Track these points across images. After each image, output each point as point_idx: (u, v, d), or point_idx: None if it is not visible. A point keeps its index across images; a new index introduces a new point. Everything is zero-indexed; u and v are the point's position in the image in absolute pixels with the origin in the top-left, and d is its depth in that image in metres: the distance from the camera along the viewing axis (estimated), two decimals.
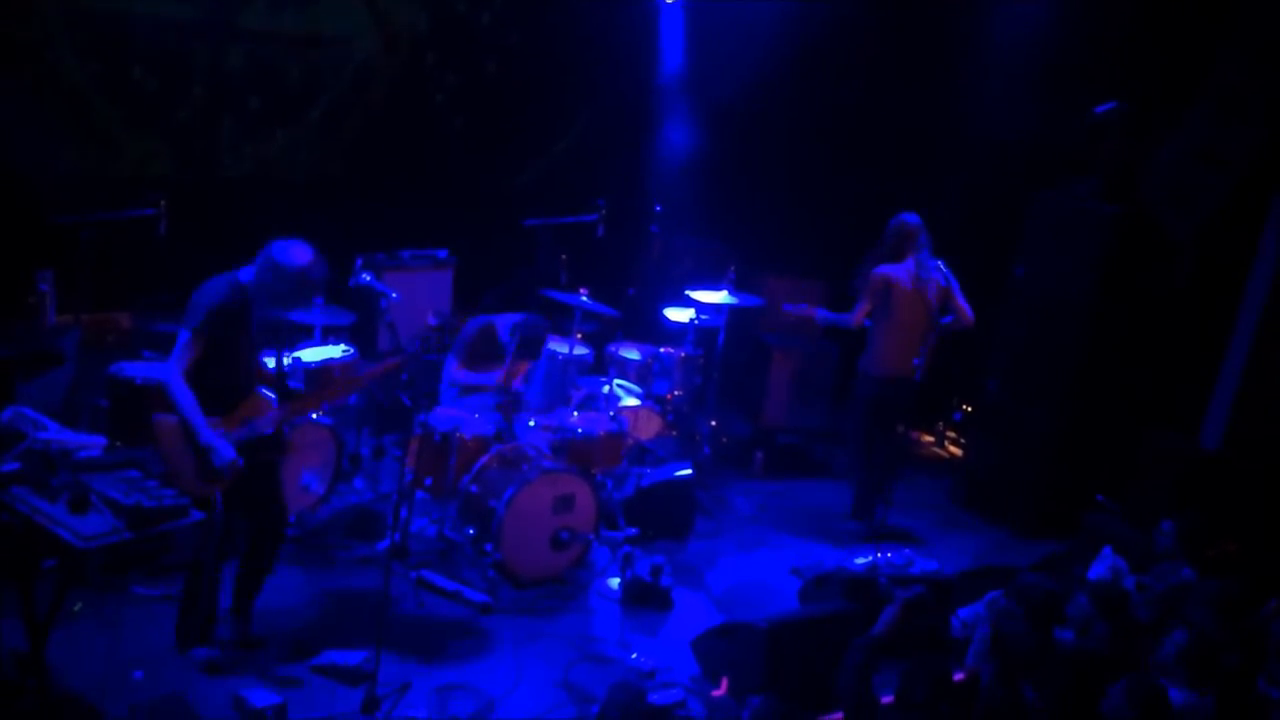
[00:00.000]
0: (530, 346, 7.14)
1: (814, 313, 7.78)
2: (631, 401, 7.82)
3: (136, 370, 6.39)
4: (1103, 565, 6.37)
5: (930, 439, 9.87)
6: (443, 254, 9.00)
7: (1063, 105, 8.29)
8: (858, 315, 7.54)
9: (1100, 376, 8.00)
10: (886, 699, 4.98)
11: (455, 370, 7.25)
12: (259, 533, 5.51)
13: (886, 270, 7.46)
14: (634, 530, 6.94)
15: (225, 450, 5.05)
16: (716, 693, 5.83)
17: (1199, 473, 7.63)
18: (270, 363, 5.85)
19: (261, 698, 5.15)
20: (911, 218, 7.50)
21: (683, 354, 8.21)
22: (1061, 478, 8.08)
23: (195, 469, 5.05)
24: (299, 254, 5.13)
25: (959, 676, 5.29)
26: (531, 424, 7.01)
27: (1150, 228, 7.91)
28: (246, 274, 5.16)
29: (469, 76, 9.50)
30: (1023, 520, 8.17)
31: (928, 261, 7.47)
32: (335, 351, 7.11)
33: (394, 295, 6.96)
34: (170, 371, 5.04)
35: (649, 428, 7.90)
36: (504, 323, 7.23)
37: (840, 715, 4.96)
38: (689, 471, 7.49)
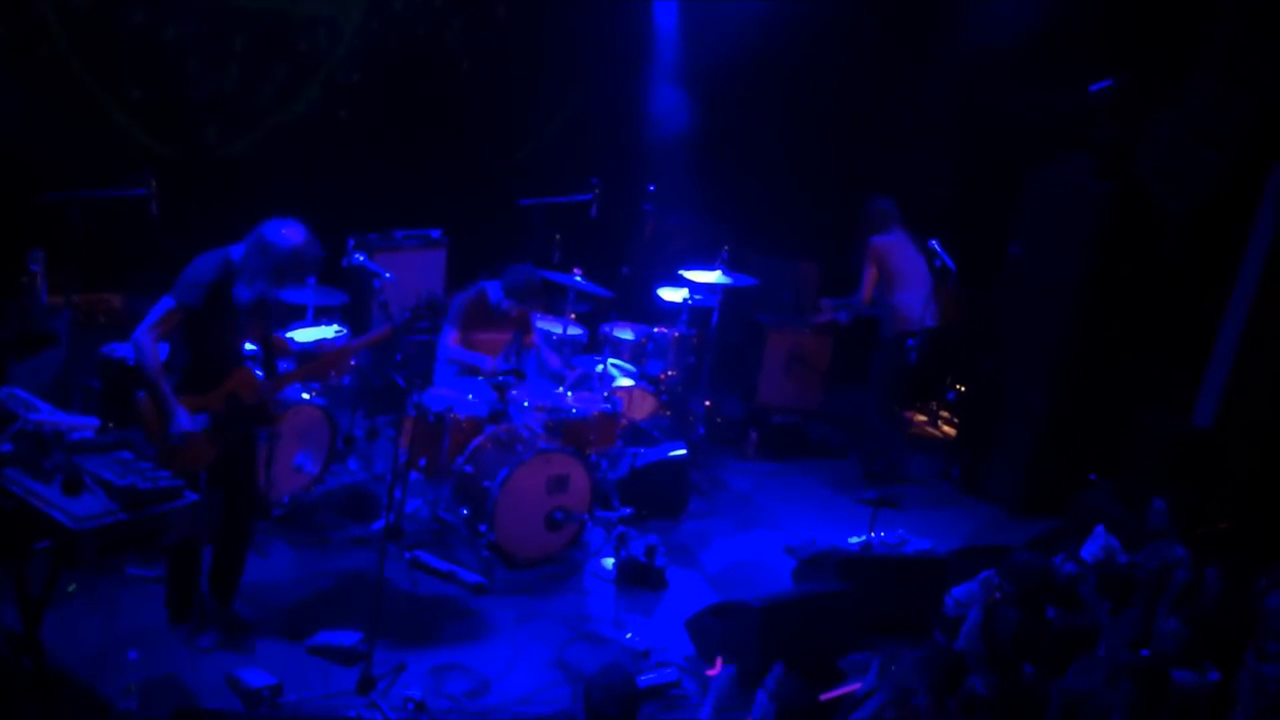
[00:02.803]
0: (524, 294, 7.12)
1: (836, 315, 8.42)
2: (626, 381, 7.82)
3: (129, 351, 6.36)
4: (1095, 544, 6.40)
5: (924, 418, 9.88)
6: (436, 234, 8.95)
7: (1059, 81, 8.27)
8: (866, 287, 8.00)
9: (1094, 355, 8.01)
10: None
11: (451, 344, 7.21)
12: (233, 510, 5.47)
13: (881, 238, 7.97)
14: (628, 510, 6.95)
15: (183, 418, 5.02)
16: (711, 672, 5.84)
17: (1191, 451, 7.65)
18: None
19: (257, 678, 5.15)
20: (886, 202, 8.06)
21: (677, 334, 8.20)
22: (1054, 456, 8.09)
23: (169, 444, 5.03)
24: (291, 234, 5.11)
25: None
26: (525, 404, 7.01)
27: (1145, 206, 7.90)
28: (238, 251, 5.15)
29: (477, 17, 9.42)
30: (1016, 499, 8.19)
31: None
32: (328, 332, 7.10)
33: (387, 275, 6.95)
34: (141, 334, 5.01)
35: (643, 408, 7.90)
36: (493, 287, 7.21)
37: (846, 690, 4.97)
38: (683, 451, 7.50)
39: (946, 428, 9.71)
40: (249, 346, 5.59)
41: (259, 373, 5.44)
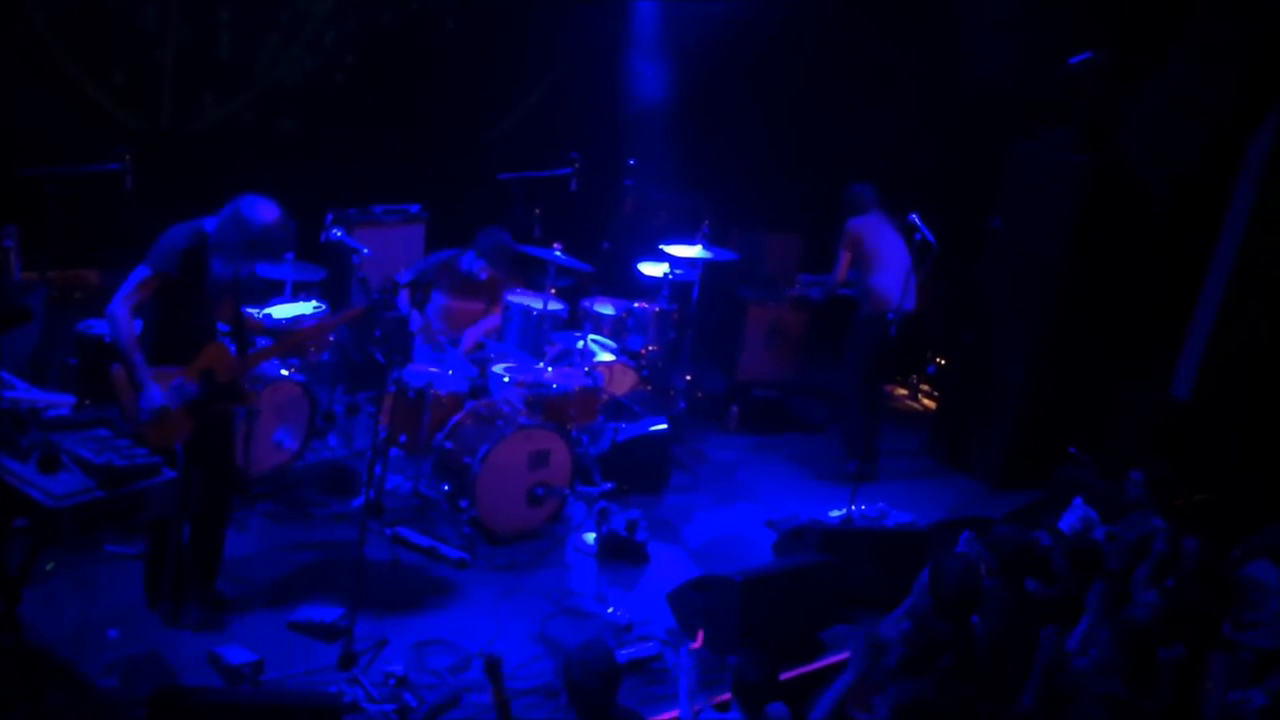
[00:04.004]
0: (495, 256, 7.20)
1: (809, 292, 8.55)
2: (606, 356, 7.80)
3: (105, 328, 6.29)
4: (1073, 516, 6.44)
5: (904, 392, 9.91)
6: (415, 209, 8.91)
7: (1042, 53, 8.25)
8: (840, 269, 8.01)
9: (1075, 328, 8.03)
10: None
11: (424, 311, 7.25)
12: (211, 487, 5.44)
13: (857, 221, 7.95)
14: (609, 485, 6.96)
15: (154, 393, 5.00)
16: (693, 645, 5.87)
17: (1170, 423, 7.69)
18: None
19: (238, 655, 5.15)
20: (864, 187, 8.05)
21: (657, 308, 8.19)
22: (1035, 430, 8.12)
23: (143, 419, 5.00)
24: (265, 210, 5.11)
25: None
26: (506, 380, 6.99)
27: (1127, 178, 7.92)
28: (211, 224, 5.14)
29: None
30: (996, 472, 8.22)
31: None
32: (306, 308, 7.05)
33: (365, 251, 6.91)
34: (117, 305, 4.99)
35: (624, 383, 7.89)
36: (467, 257, 7.25)
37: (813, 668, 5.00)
38: (664, 426, 7.50)
39: (927, 401, 9.75)
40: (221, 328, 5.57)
41: (233, 348, 5.41)
